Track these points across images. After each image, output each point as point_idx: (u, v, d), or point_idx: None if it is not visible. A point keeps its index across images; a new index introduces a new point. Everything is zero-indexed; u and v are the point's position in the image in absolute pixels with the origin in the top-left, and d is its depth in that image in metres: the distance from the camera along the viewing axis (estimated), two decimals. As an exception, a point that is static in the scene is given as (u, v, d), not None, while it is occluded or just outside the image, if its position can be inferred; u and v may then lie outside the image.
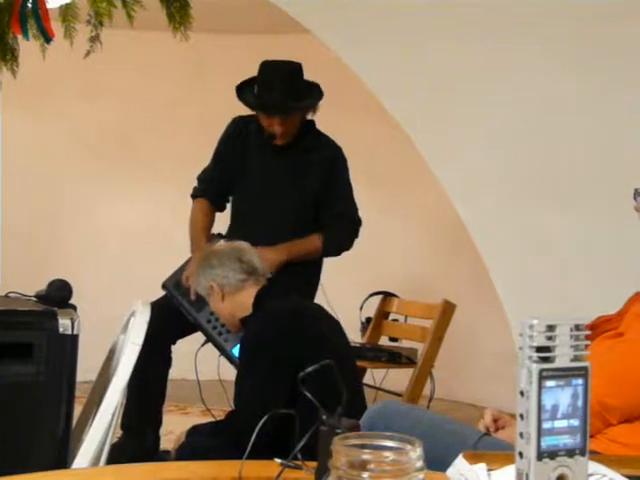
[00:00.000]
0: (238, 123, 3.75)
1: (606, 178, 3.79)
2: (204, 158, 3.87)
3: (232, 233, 3.71)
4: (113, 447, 3.15)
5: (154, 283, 3.71)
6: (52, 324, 2.42)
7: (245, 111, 3.72)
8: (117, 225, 6.57)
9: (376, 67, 4.24)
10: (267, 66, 3.62)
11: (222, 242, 3.38)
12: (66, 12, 4.45)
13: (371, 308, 4.92)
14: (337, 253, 3.78)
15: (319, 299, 3.75)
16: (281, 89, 3.53)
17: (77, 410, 2.60)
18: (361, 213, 3.82)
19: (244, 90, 3.63)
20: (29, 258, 6.22)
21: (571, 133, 3.84)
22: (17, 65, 4.50)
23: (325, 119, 3.75)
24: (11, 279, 3.79)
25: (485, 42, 3.90)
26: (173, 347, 3.65)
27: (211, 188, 3.79)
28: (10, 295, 2.78)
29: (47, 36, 4.27)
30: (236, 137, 3.74)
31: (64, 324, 2.43)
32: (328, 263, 3.91)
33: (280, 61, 3.65)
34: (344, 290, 5.34)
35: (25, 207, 6.35)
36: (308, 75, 3.71)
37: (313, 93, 3.65)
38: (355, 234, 3.78)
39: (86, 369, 2.72)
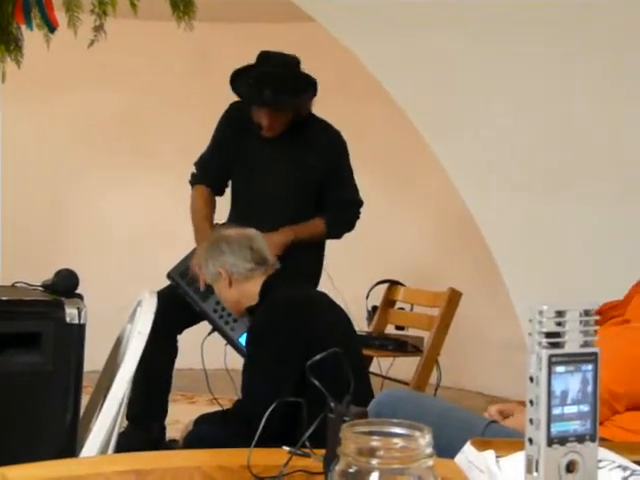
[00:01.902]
0: (235, 108, 3.73)
1: (616, 166, 3.77)
2: (208, 147, 3.86)
3: (232, 218, 3.70)
4: (119, 437, 3.16)
5: (160, 272, 3.71)
6: (59, 314, 2.43)
7: None
8: (122, 214, 6.57)
9: (380, 54, 4.22)
10: (263, 58, 3.60)
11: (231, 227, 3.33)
12: (70, 2, 4.44)
13: (377, 297, 4.92)
14: (339, 236, 3.79)
15: (326, 288, 3.75)
16: (273, 84, 3.49)
17: (84, 399, 2.61)
18: (367, 201, 3.82)
19: (240, 78, 3.60)
20: (33, 248, 6.22)
21: (579, 122, 3.83)
22: (21, 55, 4.50)
23: (329, 106, 3.74)
24: (15, 269, 3.79)
25: (491, 28, 3.88)
26: (180, 336, 3.65)
27: (210, 174, 3.77)
28: (17, 285, 2.78)
29: (51, 26, 4.26)
30: (234, 122, 3.72)
31: (71, 314, 2.43)
32: (334, 252, 3.91)
33: (277, 54, 3.62)
34: (350, 279, 5.34)
35: (29, 197, 6.35)
36: (312, 63, 3.69)
37: (307, 90, 3.62)
38: (357, 216, 3.79)
39: (93, 358, 2.72)
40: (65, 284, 2.62)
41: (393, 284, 4.88)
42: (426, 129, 4.24)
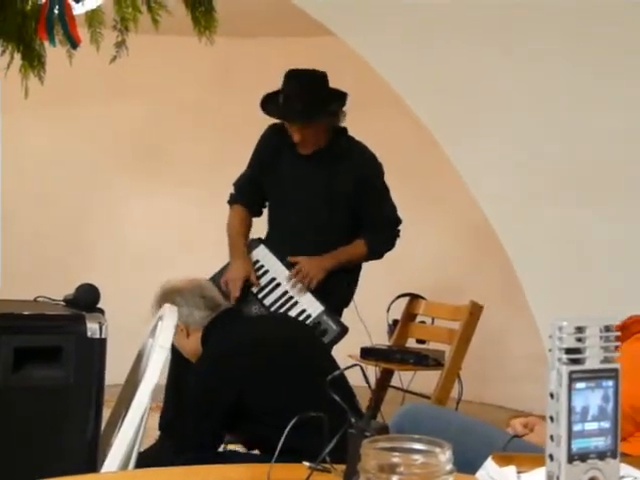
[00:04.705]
0: (273, 130, 3.79)
1: (636, 175, 3.75)
2: (228, 161, 3.89)
3: (270, 238, 3.79)
4: (149, 448, 3.20)
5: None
6: (80, 328, 2.43)
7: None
8: (142, 228, 6.60)
9: (401, 68, 4.23)
10: (290, 76, 3.65)
11: (184, 278, 3.30)
12: (92, 18, 4.47)
13: (398, 310, 4.91)
14: (381, 256, 3.82)
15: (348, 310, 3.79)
16: (302, 99, 3.56)
17: (106, 413, 2.61)
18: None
19: (270, 101, 3.66)
20: (53, 261, 6.26)
21: (599, 129, 3.81)
22: (44, 71, 4.53)
23: (351, 120, 3.75)
24: (35, 282, 3.81)
25: (508, 40, 3.88)
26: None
27: (247, 194, 3.85)
28: (39, 299, 2.80)
29: (74, 42, 4.29)
30: (271, 144, 3.79)
31: (92, 328, 2.44)
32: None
33: (304, 71, 3.66)
34: (371, 292, 5.32)
35: (51, 208, 6.40)
36: (333, 77, 3.71)
37: (334, 101, 3.66)
38: (397, 234, 3.83)
39: (114, 372, 2.73)
40: (86, 299, 2.63)
41: (414, 297, 4.88)
42: (445, 141, 4.23)
